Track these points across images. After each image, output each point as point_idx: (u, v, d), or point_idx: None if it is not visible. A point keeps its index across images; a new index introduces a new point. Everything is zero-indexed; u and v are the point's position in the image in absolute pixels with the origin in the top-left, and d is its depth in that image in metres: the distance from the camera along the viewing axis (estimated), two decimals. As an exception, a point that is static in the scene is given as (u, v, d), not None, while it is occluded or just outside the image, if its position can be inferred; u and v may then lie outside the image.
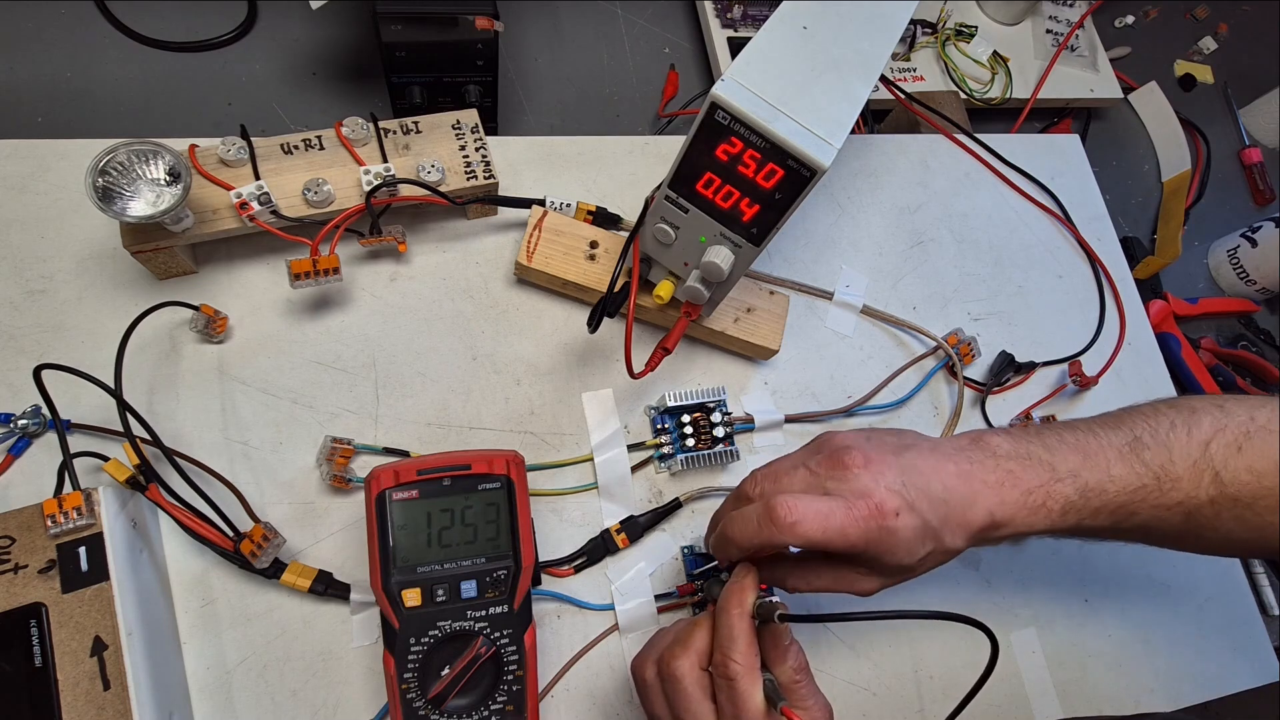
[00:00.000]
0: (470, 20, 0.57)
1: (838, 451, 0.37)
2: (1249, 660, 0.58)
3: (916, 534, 0.36)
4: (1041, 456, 0.39)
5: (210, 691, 0.41)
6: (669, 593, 0.48)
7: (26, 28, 0.64)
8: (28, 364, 0.40)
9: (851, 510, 0.35)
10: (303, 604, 0.43)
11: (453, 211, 0.53)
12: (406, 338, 0.50)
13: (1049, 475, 0.39)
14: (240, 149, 0.45)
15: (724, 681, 0.34)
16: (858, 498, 0.35)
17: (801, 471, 0.38)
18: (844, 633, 0.50)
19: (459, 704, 0.38)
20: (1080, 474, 0.39)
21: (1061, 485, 0.38)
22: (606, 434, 0.50)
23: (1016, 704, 0.52)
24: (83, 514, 0.37)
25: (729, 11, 0.77)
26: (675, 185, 0.40)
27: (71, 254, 0.46)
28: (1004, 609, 0.54)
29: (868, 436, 0.38)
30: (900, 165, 0.66)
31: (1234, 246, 0.84)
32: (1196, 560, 0.59)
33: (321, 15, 0.69)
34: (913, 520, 0.35)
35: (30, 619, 0.36)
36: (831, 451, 0.37)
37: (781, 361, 0.56)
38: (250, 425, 0.46)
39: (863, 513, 0.35)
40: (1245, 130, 0.96)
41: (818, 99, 0.37)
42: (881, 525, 0.35)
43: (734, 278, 0.44)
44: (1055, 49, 0.84)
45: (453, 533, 0.40)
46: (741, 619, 0.35)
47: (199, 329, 0.45)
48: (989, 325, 0.62)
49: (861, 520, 0.35)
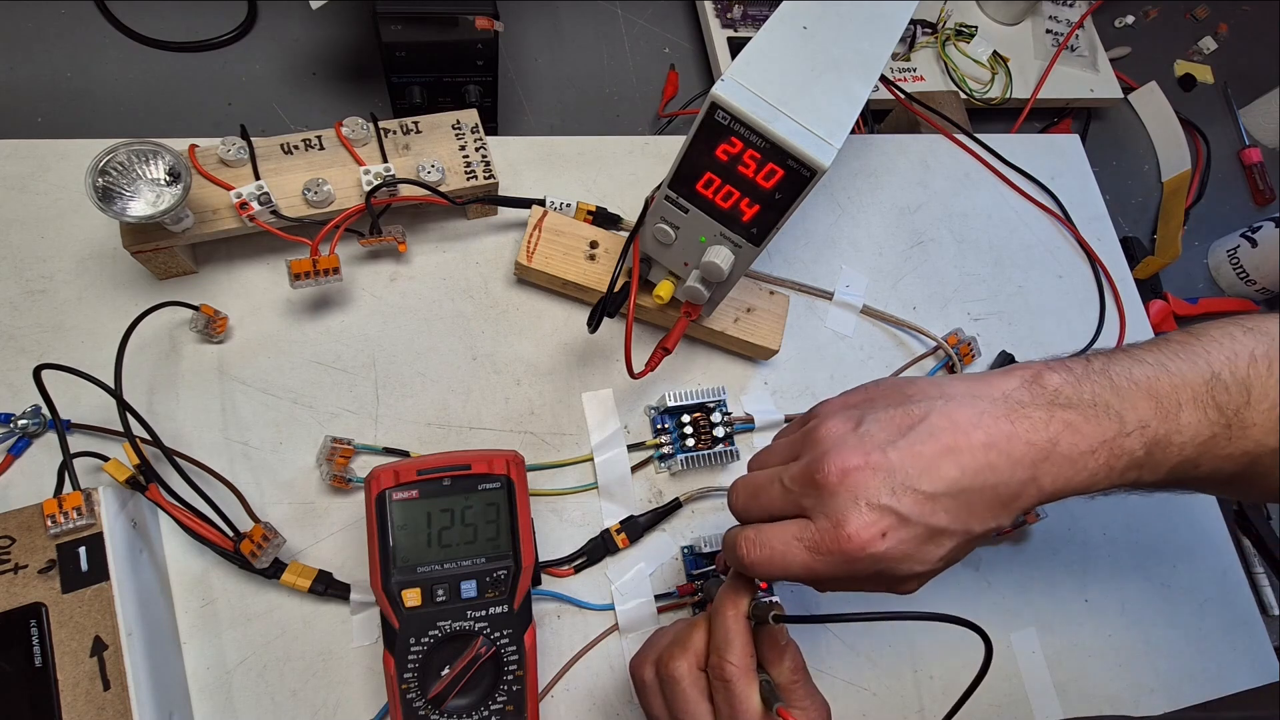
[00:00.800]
0: (470, 20, 0.57)
1: (814, 462, 0.32)
2: (1249, 660, 0.58)
3: (918, 542, 0.32)
4: (1109, 403, 0.32)
5: (210, 691, 0.41)
6: (669, 593, 0.48)
7: (26, 28, 0.64)
8: (28, 364, 0.40)
9: (818, 546, 0.31)
10: (303, 604, 0.43)
11: (453, 211, 0.53)
12: (406, 338, 0.50)
13: (1116, 428, 0.32)
14: (240, 149, 0.45)
15: (720, 683, 0.34)
16: (831, 525, 0.31)
17: (776, 489, 0.34)
18: (843, 633, 0.50)
19: (459, 704, 0.38)
20: (1150, 424, 0.32)
21: (1129, 441, 0.32)
22: (606, 434, 0.50)
23: (1016, 704, 0.52)
24: (83, 514, 0.37)
25: (729, 11, 0.77)
26: (675, 185, 0.40)
27: (71, 254, 0.46)
28: (1004, 609, 0.54)
29: (860, 418, 0.33)
30: (900, 165, 0.66)
31: (1234, 246, 0.84)
32: (1196, 560, 0.59)
33: (321, 15, 0.69)
34: (908, 533, 0.31)
35: (30, 619, 0.36)
36: (808, 462, 0.33)
37: (781, 361, 0.56)
38: (250, 425, 0.46)
39: (831, 547, 0.31)
40: (1245, 130, 0.96)
41: (818, 99, 0.37)
42: (860, 556, 0.31)
43: (734, 278, 0.44)
44: (1055, 49, 0.84)
45: (453, 533, 0.40)
46: (737, 620, 0.34)
47: (199, 329, 0.45)
48: (989, 325, 0.62)
49: (827, 556, 0.31)
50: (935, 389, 0.34)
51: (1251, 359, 0.34)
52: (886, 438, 0.32)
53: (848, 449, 0.32)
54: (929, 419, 0.32)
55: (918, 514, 0.31)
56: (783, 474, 0.34)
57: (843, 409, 0.35)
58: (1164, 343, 0.35)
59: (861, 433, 0.32)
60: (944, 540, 0.32)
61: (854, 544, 0.31)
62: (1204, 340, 0.35)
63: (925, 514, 0.31)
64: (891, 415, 0.33)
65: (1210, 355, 0.34)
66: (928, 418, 0.32)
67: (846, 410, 0.34)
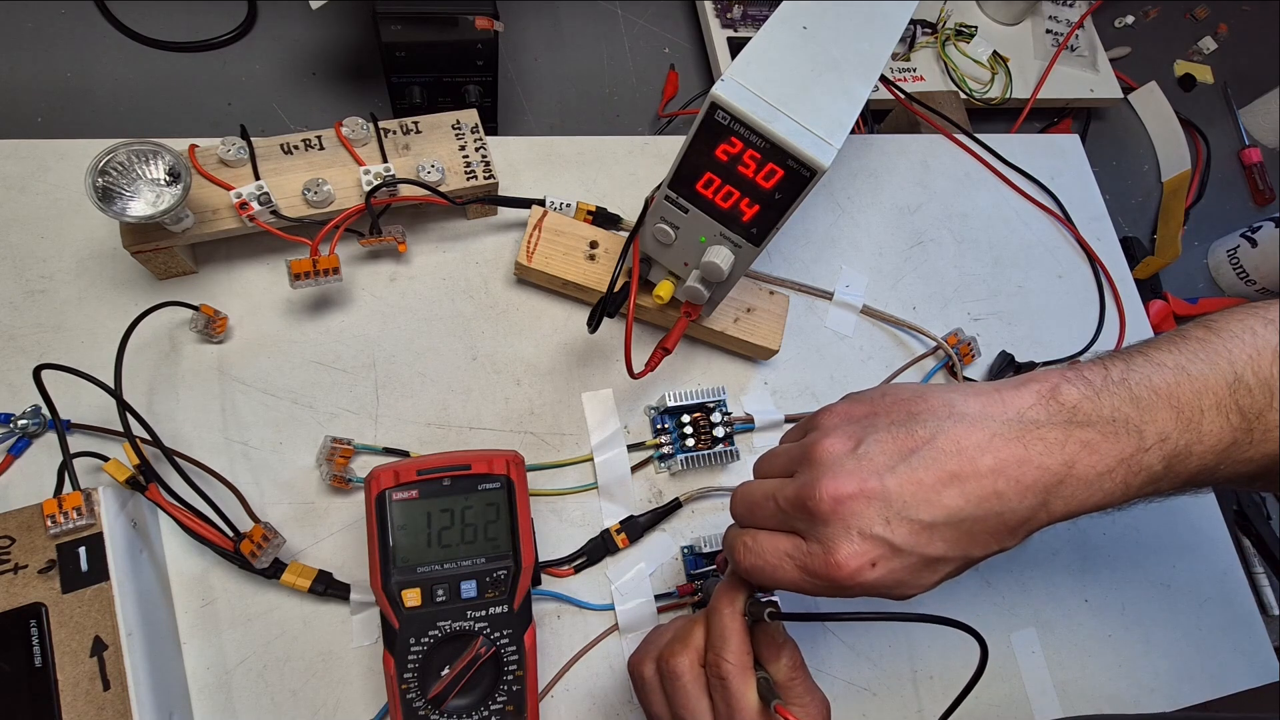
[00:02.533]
0: (470, 20, 0.57)
1: (807, 485, 0.31)
2: (1249, 660, 0.58)
3: (911, 571, 0.31)
4: (1129, 417, 0.30)
5: (210, 691, 0.41)
6: (669, 593, 0.48)
7: (26, 28, 0.64)
8: (28, 364, 0.40)
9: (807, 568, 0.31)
10: (303, 604, 0.43)
11: (453, 211, 0.53)
12: (406, 338, 0.50)
13: (1135, 445, 0.30)
14: (240, 149, 0.45)
15: (717, 680, 0.34)
16: (821, 551, 0.30)
17: (771, 506, 0.33)
18: (843, 633, 0.50)
19: (459, 704, 0.38)
20: (1170, 437, 0.30)
21: (1148, 457, 0.30)
22: (606, 434, 0.50)
23: (1016, 704, 0.52)
24: (83, 514, 0.37)
25: (729, 11, 0.77)
26: (675, 185, 0.40)
27: (71, 254, 0.46)
28: (1004, 609, 0.54)
29: (861, 437, 0.32)
30: (900, 165, 0.66)
31: (1234, 246, 0.84)
32: (1196, 560, 0.59)
33: (321, 15, 0.69)
34: (900, 563, 0.30)
35: (30, 619, 0.36)
36: (802, 484, 0.31)
37: (781, 361, 0.56)
38: (250, 425, 0.46)
39: (820, 572, 0.30)
40: (1245, 130, 0.96)
41: (817, 99, 0.37)
42: (849, 584, 0.30)
43: (734, 278, 0.44)
44: (1055, 49, 0.84)
45: (453, 533, 0.40)
46: (733, 618, 0.34)
47: (199, 329, 0.45)
48: (989, 325, 0.62)
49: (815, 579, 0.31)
50: (945, 407, 0.31)
51: (1275, 357, 0.32)
52: (886, 462, 0.30)
53: (844, 473, 0.30)
54: (934, 442, 0.30)
55: (912, 544, 0.30)
56: (778, 492, 0.33)
57: (845, 422, 0.33)
58: (1181, 340, 0.33)
59: (860, 454, 0.31)
60: (940, 567, 0.31)
61: (843, 572, 0.30)
62: (1224, 337, 0.33)
63: (920, 544, 0.30)
64: (894, 436, 0.31)
65: (1232, 354, 0.32)
66: (933, 440, 0.30)
67: (848, 425, 0.33)
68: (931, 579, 0.31)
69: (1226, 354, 0.32)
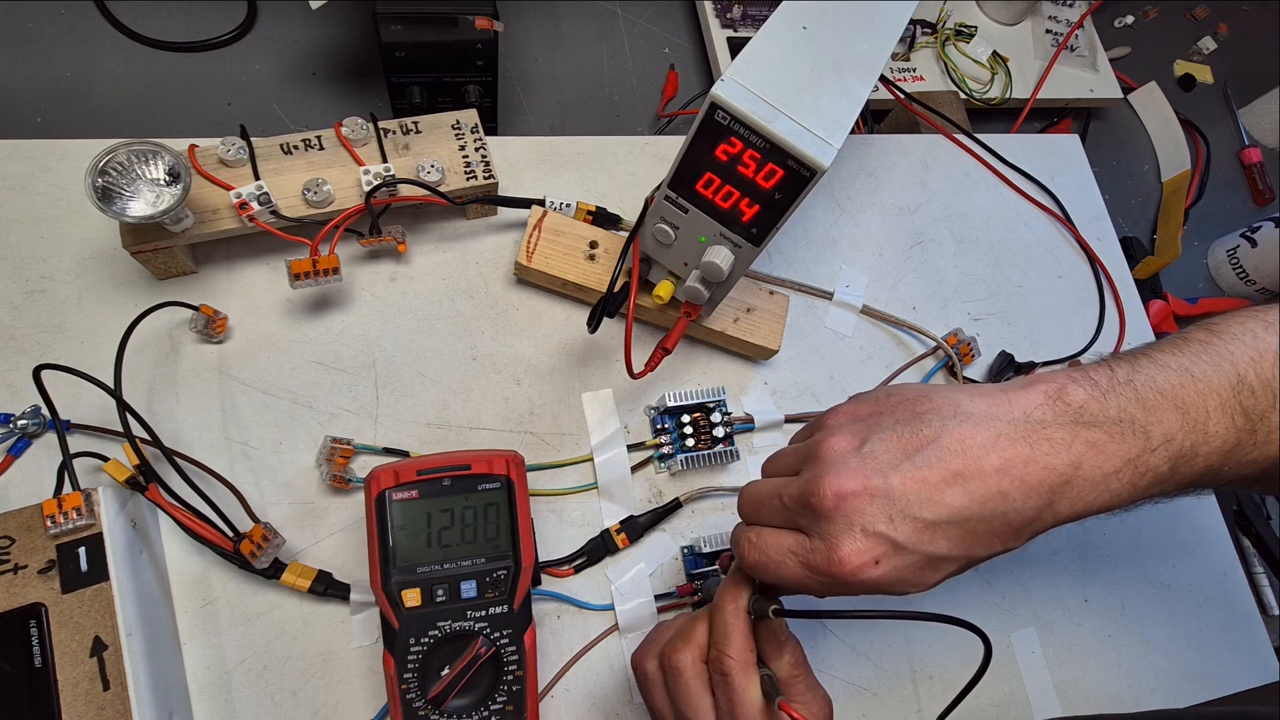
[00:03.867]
0: (470, 20, 0.57)
1: (811, 482, 0.31)
2: (1249, 660, 0.58)
3: (914, 569, 0.31)
4: (1135, 418, 0.30)
5: (210, 691, 0.41)
6: (669, 593, 0.48)
7: (26, 28, 0.64)
8: (28, 364, 0.40)
9: (811, 565, 0.31)
10: (303, 604, 0.43)
11: (452, 211, 0.53)
12: (406, 338, 0.50)
13: (1141, 445, 0.30)
14: (240, 149, 0.45)
15: (719, 676, 0.34)
16: (825, 548, 0.30)
17: (776, 504, 0.33)
18: (844, 633, 0.50)
19: (459, 704, 0.38)
20: (1175, 438, 0.31)
21: (1153, 457, 0.30)
22: (606, 434, 0.50)
23: (1016, 704, 0.52)
24: (82, 514, 0.37)
25: (729, 11, 0.77)
26: (675, 185, 0.40)
27: (71, 254, 0.46)
28: (1004, 609, 0.54)
29: (866, 435, 0.32)
30: (900, 165, 0.66)
31: (1234, 246, 0.84)
32: (1196, 560, 0.59)
33: (321, 15, 0.69)
34: (902, 561, 0.30)
35: (30, 619, 0.36)
36: (806, 481, 0.32)
37: (781, 361, 0.56)
38: (250, 425, 0.46)
39: (823, 569, 0.30)
40: (1245, 130, 0.96)
41: (817, 99, 0.37)
42: (851, 581, 0.30)
43: (734, 278, 0.44)
44: (1055, 49, 0.84)
45: (452, 533, 0.40)
46: (736, 615, 0.35)
47: (199, 329, 0.45)
48: (989, 325, 0.62)
49: (819, 576, 0.31)
50: (950, 406, 0.32)
51: (1276, 359, 0.32)
52: (890, 460, 0.31)
53: (847, 471, 0.30)
54: (939, 440, 0.30)
55: (915, 542, 0.30)
56: (783, 490, 0.33)
57: (850, 421, 0.33)
58: (1184, 343, 0.33)
59: (864, 452, 0.31)
60: (944, 565, 0.31)
61: (845, 569, 0.30)
62: (1225, 339, 0.33)
63: (923, 542, 0.30)
64: (899, 434, 0.31)
65: (1235, 356, 0.32)
66: (938, 439, 0.30)
67: (854, 424, 0.33)
68: (934, 578, 0.32)
69: (1229, 356, 0.32)
